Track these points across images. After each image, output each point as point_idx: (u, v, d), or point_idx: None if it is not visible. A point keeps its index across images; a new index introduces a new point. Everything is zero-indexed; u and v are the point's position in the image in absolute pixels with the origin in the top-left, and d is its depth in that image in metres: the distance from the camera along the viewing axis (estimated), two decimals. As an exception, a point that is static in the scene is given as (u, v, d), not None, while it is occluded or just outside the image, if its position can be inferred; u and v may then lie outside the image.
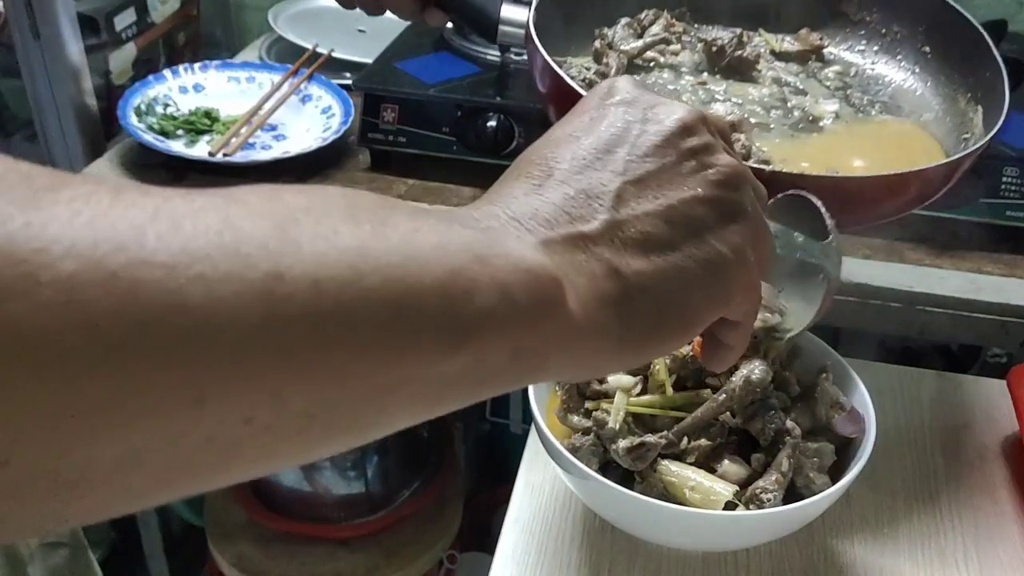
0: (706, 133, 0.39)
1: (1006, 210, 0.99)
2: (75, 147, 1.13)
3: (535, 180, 0.37)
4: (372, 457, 1.26)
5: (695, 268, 0.37)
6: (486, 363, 0.32)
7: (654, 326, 0.36)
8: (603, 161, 0.37)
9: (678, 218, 0.37)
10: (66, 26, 1.07)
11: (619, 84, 0.41)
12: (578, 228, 0.35)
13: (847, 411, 0.63)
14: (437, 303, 0.30)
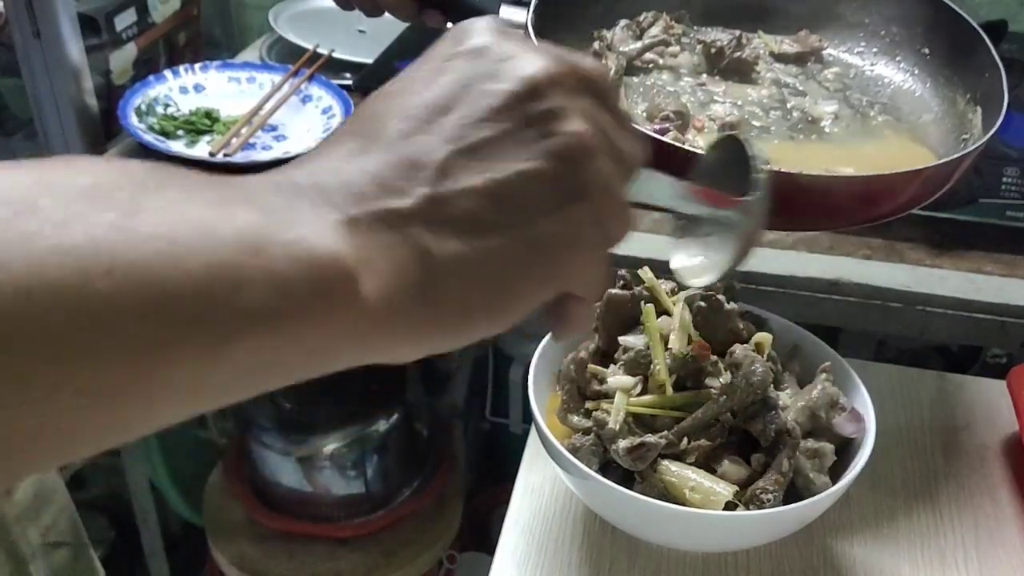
0: (559, 95, 0.34)
1: (1006, 210, 0.99)
2: (75, 147, 1.13)
3: (357, 142, 0.33)
4: (372, 457, 1.26)
5: (520, 251, 0.33)
6: (265, 358, 0.30)
7: (466, 312, 0.33)
8: (434, 124, 0.33)
9: (506, 195, 0.33)
10: (66, 26, 1.07)
11: (476, 26, 0.36)
12: (390, 204, 0.32)
13: (847, 411, 0.63)
14: (195, 302, 0.27)
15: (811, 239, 1.02)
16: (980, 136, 0.65)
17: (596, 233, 0.35)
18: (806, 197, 0.59)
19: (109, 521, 1.61)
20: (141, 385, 0.27)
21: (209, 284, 0.28)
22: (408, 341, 0.33)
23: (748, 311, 0.68)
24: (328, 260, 0.30)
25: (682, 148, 0.58)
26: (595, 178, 0.35)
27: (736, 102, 0.73)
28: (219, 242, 0.28)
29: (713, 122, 0.69)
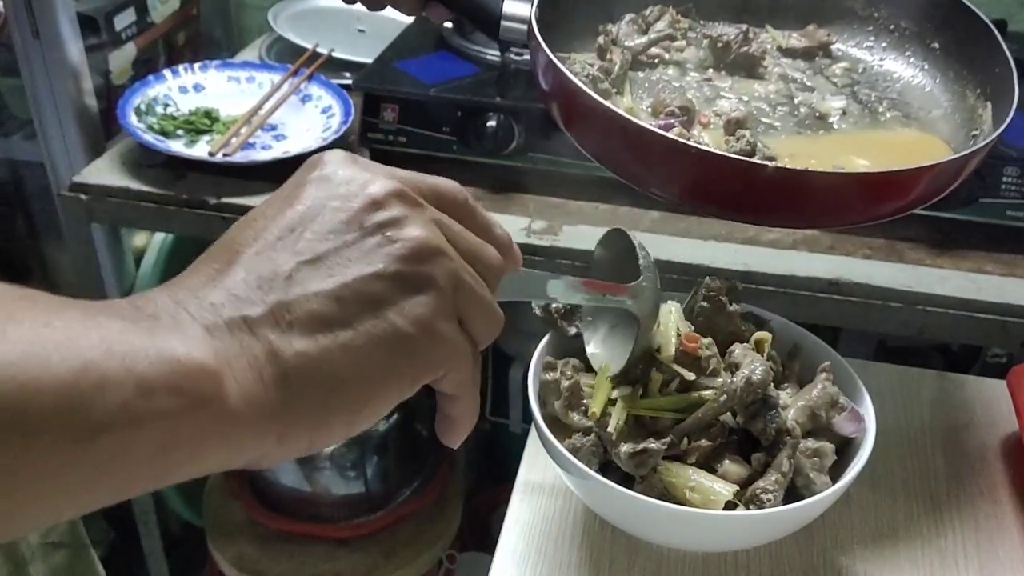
0: (397, 206, 0.38)
1: (1006, 210, 0.99)
2: (75, 147, 1.13)
3: (217, 265, 0.36)
4: (372, 457, 1.26)
5: (368, 345, 0.35)
6: (129, 458, 0.31)
7: (323, 407, 0.35)
8: (284, 242, 0.36)
9: (350, 295, 0.35)
10: (66, 26, 1.07)
11: (325, 158, 0.40)
12: (243, 312, 0.34)
13: (847, 411, 0.63)
14: (60, 400, 0.29)
15: (811, 239, 1.02)
16: (991, 131, 0.64)
17: (451, 327, 0.38)
18: (816, 194, 0.59)
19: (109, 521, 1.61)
20: (8, 475, 0.29)
21: (75, 383, 0.30)
22: (272, 440, 0.35)
23: (749, 311, 0.68)
24: (190, 362, 0.32)
25: (686, 144, 0.58)
26: (440, 274, 0.37)
27: (742, 97, 0.72)
28: (84, 346, 0.31)
29: (719, 117, 0.68)
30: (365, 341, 0.35)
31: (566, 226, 1.03)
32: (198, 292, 0.35)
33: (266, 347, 0.34)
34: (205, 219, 1.06)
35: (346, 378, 0.35)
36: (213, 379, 0.33)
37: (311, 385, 0.35)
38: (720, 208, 0.64)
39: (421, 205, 0.39)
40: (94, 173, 1.10)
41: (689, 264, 0.97)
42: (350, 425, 0.37)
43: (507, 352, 1.43)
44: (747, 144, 0.63)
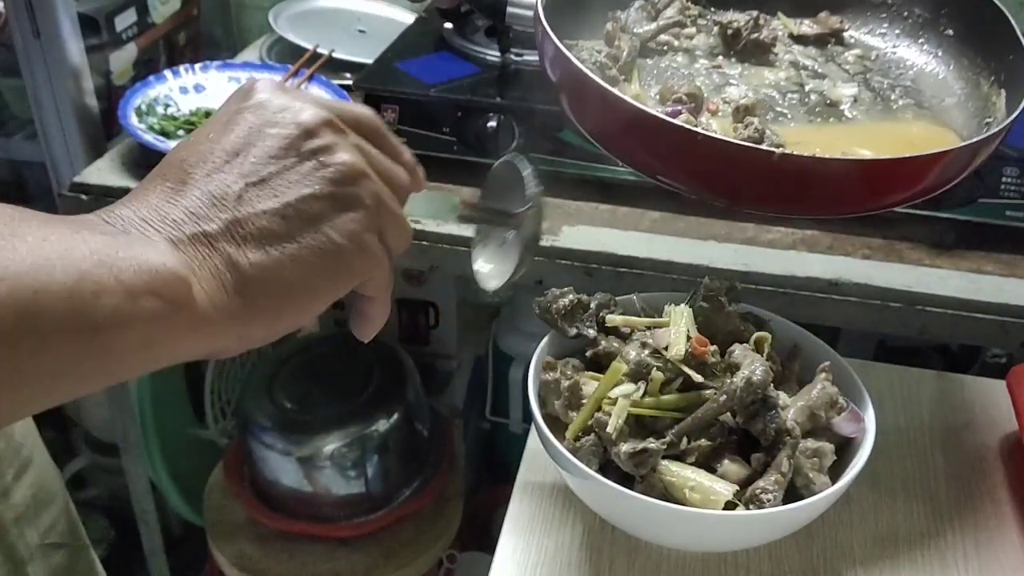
0: (328, 134, 0.43)
1: (1005, 210, 0.99)
2: (75, 147, 1.13)
3: (170, 184, 0.41)
4: (372, 456, 1.26)
5: (310, 255, 0.41)
6: (117, 354, 0.37)
7: (276, 307, 0.42)
8: (231, 164, 0.42)
9: (293, 213, 0.41)
10: (66, 26, 1.07)
11: (256, 87, 0.44)
12: (202, 227, 0.40)
13: (847, 411, 0.63)
14: (64, 305, 0.35)
15: (811, 239, 1.02)
16: (1003, 119, 0.63)
17: (374, 241, 0.44)
18: (821, 182, 0.58)
19: (109, 521, 1.61)
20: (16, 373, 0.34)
21: (76, 290, 0.35)
22: (233, 334, 0.41)
23: (749, 311, 0.68)
24: (165, 271, 0.38)
25: (692, 130, 0.58)
26: (366, 194, 0.43)
27: (752, 85, 0.71)
28: (79, 258, 0.36)
29: (728, 105, 0.67)
30: (308, 253, 0.41)
31: (566, 226, 1.03)
32: (159, 209, 0.40)
33: (225, 259, 0.40)
34: (205, 219, 1.06)
35: (293, 284, 0.41)
36: (184, 285, 0.38)
37: (266, 290, 0.41)
38: (727, 196, 0.63)
39: (346, 132, 0.44)
40: (95, 173, 1.10)
41: (689, 264, 0.97)
42: (296, 322, 0.43)
43: (507, 352, 1.43)
44: (755, 131, 0.62)
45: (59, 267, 0.35)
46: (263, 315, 0.41)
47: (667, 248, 1.00)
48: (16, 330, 0.34)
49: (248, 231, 0.40)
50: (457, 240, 1.02)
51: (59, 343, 0.35)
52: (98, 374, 0.38)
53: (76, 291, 0.35)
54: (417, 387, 1.32)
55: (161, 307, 0.37)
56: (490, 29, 1.17)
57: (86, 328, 0.35)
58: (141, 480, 1.37)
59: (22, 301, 0.34)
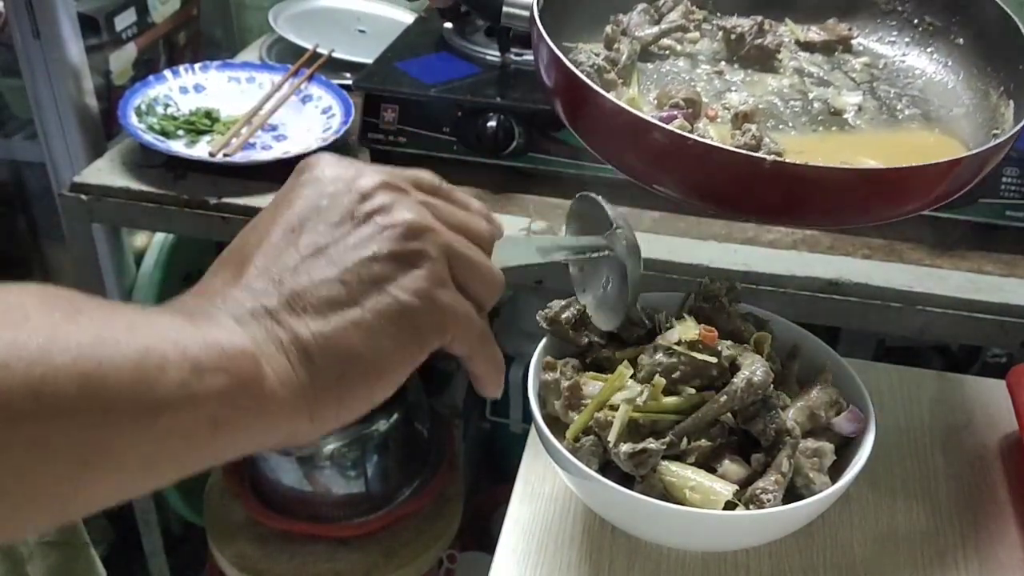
0: (384, 194, 0.42)
1: (1006, 210, 0.99)
2: (75, 147, 1.13)
3: (231, 270, 0.41)
4: (372, 456, 1.26)
5: (376, 319, 0.39)
6: (184, 436, 0.35)
7: (344, 378, 0.39)
8: (288, 240, 0.41)
9: (353, 277, 0.40)
10: (66, 26, 1.07)
11: (312, 161, 0.44)
12: (262, 303, 0.39)
13: (847, 411, 0.63)
14: (129, 377, 0.33)
15: (811, 239, 1.02)
16: (1011, 129, 0.62)
17: (449, 294, 0.42)
18: (816, 191, 0.57)
19: (109, 521, 1.61)
20: (73, 453, 0.32)
21: (141, 363, 0.34)
22: (304, 417, 0.39)
23: (749, 311, 0.68)
24: (232, 346, 0.37)
25: (683, 135, 0.57)
26: (430, 247, 0.41)
27: (754, 91, 0.70)
28: (144, 333, 0.35)
29: (727, 111, 0.66)
30: (372, 316, 0.39)
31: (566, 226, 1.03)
32: (220, 292, 0.39)
33: (288, 332, 0.38)
34: (205, 219, 1.06)
35: (360, 351, 0.39)
36: (252, 361, 0.37)
37: (331, 361, 0.39)
38: (722, 205, 0.62)
39: (406, 191, 0.43)
40: (95, 173, 1.10)
41: (689, 264, 0.97)
42: (371, 394, 0.41)
43: (507, 352, 1.43)
44: (752, 138, 0.61)
45: (124, 341, 0.34)
46: (332, 388, 0.39)
47: (667, 248, 1.00)
48: (80, 403, 0.32)
49: (308, 301, 0.39)
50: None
51: (123, 419, 0.33)
52: (163, 460, 0.35)
53: (141, 364, 0.34)
54: (417, 387, 1.32)
55: (228, 383, 0.36)
56: (490, 29, 1.17)
57: (151, 404, 0.34)
58: (141, 480, 1.36)
59: (86, 371, 0.32)
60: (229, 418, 0.36)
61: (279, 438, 0.39)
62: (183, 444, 0.35)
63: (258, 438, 0.38)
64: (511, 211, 1.05)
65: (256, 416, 0.37)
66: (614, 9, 0.75)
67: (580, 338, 0.65)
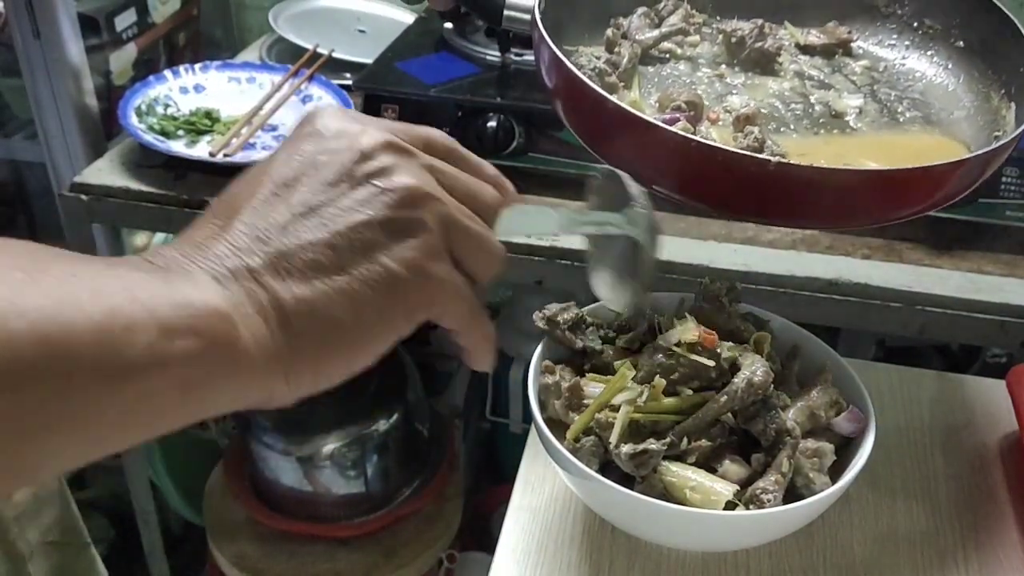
0: (387, 156, 0.40)
1: (1006, 210, 0.99)
2: (75, 147, 1.13)
3: (219, 221, 0.38)
4: (372, 456, 1.26)
5: (362, 288, 0.38)
6: (153, 398, 0.34)
7: (323, 348, 0.38)
8: (280, 196, 0.39)
9: (343, 242, 0.38)
10: (66, 26, 1.07)
11: (317, 113, 0.42)
12: (244, 261, 0.37)
13: (847, 411, 0.63)
14: (92, 341, 0.31)
15: (811, 239, 1.02)
16: (1013, 131, 0.62)
17: (443, 268, 0.40)
18: (819, 193, 0.57)
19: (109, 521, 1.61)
20: (34, 418, 0.31)
21: (106, 326, 0.32)
22: (279, 380, 0.37)
23: (749, 311, 0.68)
24: (205, 307, 0.35)
25: (688, 138, 0.57)
26: (429, 217, 0.39)
27: (755, 94, 0.70)
28: (110, 293, 0.33)
29: (729, 114, 0.66)
30: (359, 284, 0.38)
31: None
32: (203, 245, 0.37)
33: (269, 294, 0.37)
34: (205, 219, 1.06)
35: (343, 319, 0.37)
36: (226, 322, 0.35)
37: (311, 327, 0.37)
38: (725, 207, 0.62)
39: (410, 153, 0.41)
40: (95, 173, 1.10)
41: (689, 264, 0.97)
42: (350, 363, 0.39)
43: (507, 352, 1.43)
44: (755, 140, 0.61)
45: (87, 302, 0.32)
46: (311, 355, 0.37)
47: (667, 248, 0.99)
48: (39, 369, 0.30)
49: (293, 264, 0.37)
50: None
51: (87, 384, 0.32)
52: (132, 423, 0.34)
53: (106, 327, 0.32)
54: (417, 387, 1.32)
55: (200, 346, 0.34)
56: (490, 29, 1.17)
57: (117, 368, 0.32)
58: (141, 480, 1.36)
59: (46, 337, 0.30)
60: (200, 380, 0.35)
61: (253, 399, 0.37)
62: (152, 407, 0.34)
63: (231, 399, 0.37)
64: (511, 211, 1.05)
65: (228, 378, 0.36)
66: (614, 12, 0.75)
67: (576, 341, 0.65)
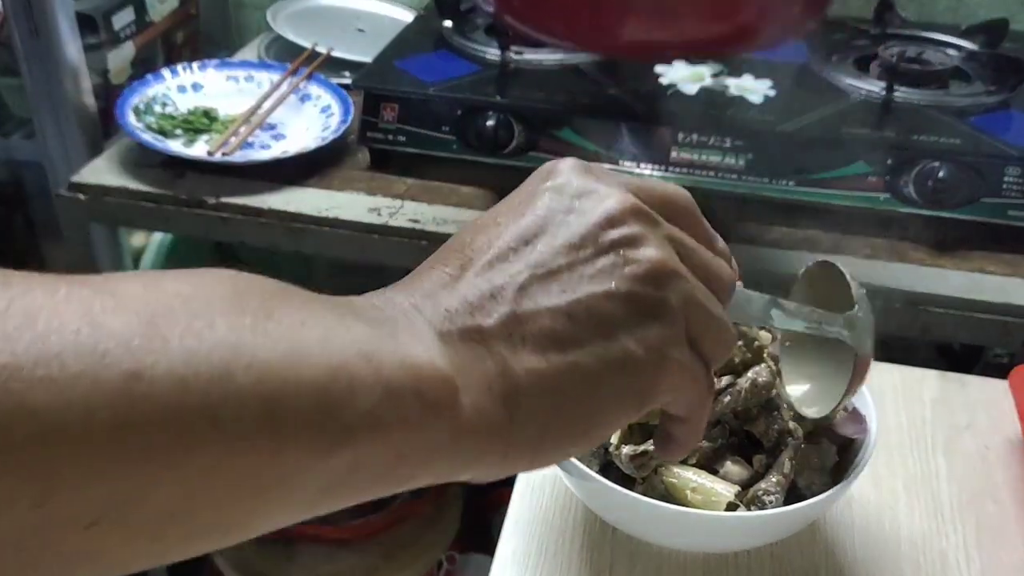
0: (634, 224, 0.37)
1: (1008, 209, 0.98)
2: (73, 146, 1.13)
3: (450, 270, 0.36)
4: (371, 457, 1.26)
5: (598, 367, 0.35)
6: (366, 465, 0.31)
7: (549, 428, 0.35)
8: (518, 253, 0.36)
9: (583, 314, 0.35)
10: (65, 25, 1.07)
11: (559, 167, 0.39)
12: (477, 322, 0.34)
13: (848, 411, 0.63)
14: (315, 402, 0.29)
15: (812, 239, 1.01)
16: None
17: (683, 352, 0.37)
18: None
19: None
20: (250, 481, 0.28)
21: (328, 386, 0.29)
22: (496, 457, 0.34)
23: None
24: (432, 369, 0.32)
25: None
26: (674, 297, 0.36)
27: None
28: (338, 348, 0.30)
29: None
30: (595, 363, 0.35)
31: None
32: (433, 295, 0.35)
33: (498, 361, 0.34)
34: (204, 219, 1.06)
35: (573, 399, 0.35)
36: (450, 388, 0.32)
37: (538, 404, 0.34)
38: None
39: (656, 222, 0.38)
40: (93, 173, 1.10)
41: (690, 264, 0.97)
42: (573, 446, 0.36)
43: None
44: None
45: (315, 356, 0.29)
46: (533, 433, 0.34)
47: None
48: (259, 428, 0.28)
49: (527, 330, 0.34)
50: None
51: (301, 448, 0.29)
52: (337, 491, 0.31)
53: (329, 388, 0.29)
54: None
55: (421, 412, 0.31)
56: (490, 27, 1.17)
57: (334, 433, 0.29)
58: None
59: (270, 394, 0.28)
60: (415, 450, 0.32)
61: (466, 473, 0.34)
62: (362, 475, 0.31)
63: (442, 471, 0.34)
64: (511, 210, 1.05)
65: (444, 450, 0.33)
66: None
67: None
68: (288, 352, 0.29)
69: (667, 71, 1.14)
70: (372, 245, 1.02)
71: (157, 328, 0.27)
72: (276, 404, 0.28)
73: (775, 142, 1.01)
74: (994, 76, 1.11)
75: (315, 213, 1.04)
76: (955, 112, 1.05)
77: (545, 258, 0.35)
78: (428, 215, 1.03)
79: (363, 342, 0.31)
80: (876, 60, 1.14)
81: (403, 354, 0.32)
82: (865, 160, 0.99)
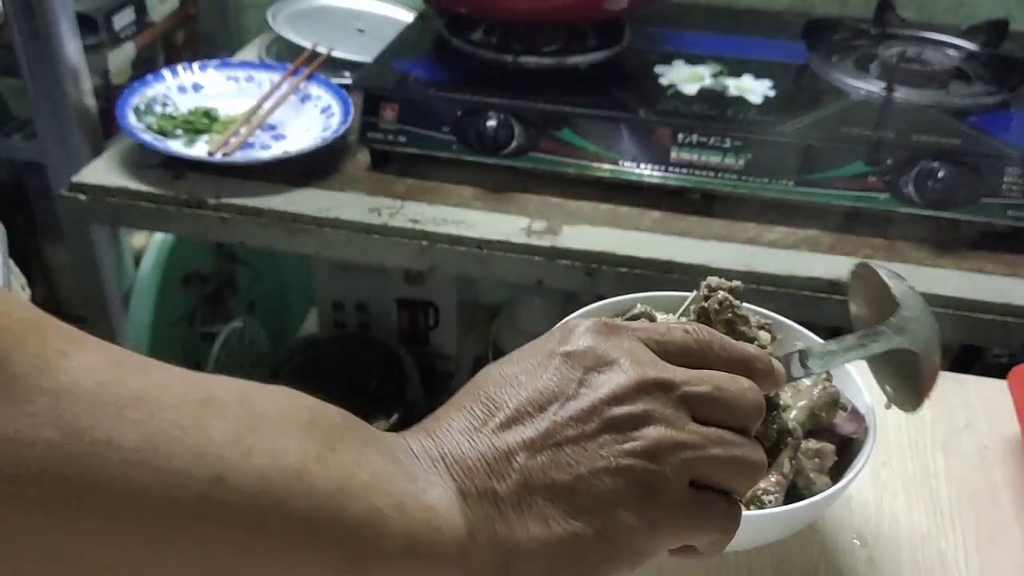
0: (638, 401, 0.39)
1: (1007, 210, 0.99)
2: (74, 147, 1.13)
3: (475, 420, 0.39)
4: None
5: (595, 537, 0.37)
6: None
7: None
8: (533, 418, 0.39)
9: (584, 488, 0.38)
10: (65, 25, 1.07)
11: (577, 331, 0.41)
12: (493, 485, 0.37)
13: (848, 411, 0.63)
14: (350, 537, 0.34)
15: (812, 239, 1.02)
16: None
17: (680, 521, 0.39)
18: None
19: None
20: None
21: (363, 528, 0.34)
22: None
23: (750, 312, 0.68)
24: (450, 532, 0.36)
25: None
26: (671, 470, 0.39)
27: None
28: (382, 491, 0.35)
29: None
30: (592, 534, 0.38)
31: (566, 226, 1.03)
32: (458, 446, 0.38)
33: (505, 528, 0.37)
34: (204, 219, 1.06)
35: (567, 564, 0.38)
36: (461, 551, 0.36)
37: (535, 568, 0.37)
38: None
39: (668, 388, 0.40)
40: (93, 173, 1.10)
41: (689, 264, 0.97)
42: None
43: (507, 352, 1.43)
44: None
45: (361, 495, 0.34)
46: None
47: (668, 248, 0.99)
48: (300, 543, 0.33)
49: (534, 499, 0.37)
50: (456, 240, 1.02)
51: (325, 564, 0.34)
52: None
53: (363, 530, 0.34)
54: (417, 387, 1.32)
55: (432, 563, 0.35)
56: (489, 28, 1.17)
57: (354, 560, 0.34)
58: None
59: (316, 525, 0.33)
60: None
61: None
62: None
63: None
64: (511, 211, 1.05)
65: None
66: None
67: None
68: (339, 489, 0.33)
69: (667, 71, 1.14)
70: (372, 245, 1.02)
71: (243, 441, 0.32)
72: (319, 532, 0.33)
73: (775, 142, 1.01)
74: (994, 76, 1.11)
75: (315, 213, 1.04)
76: (955, 112, 1.05)
77: (556, 427, 0.38)
78: (428, 215, 1.03)
79: (399, 494, 0.35)
80: (876, 60, 1.14)
81: (428, 511, 0.35)
82: (865, 160, 0.99)
